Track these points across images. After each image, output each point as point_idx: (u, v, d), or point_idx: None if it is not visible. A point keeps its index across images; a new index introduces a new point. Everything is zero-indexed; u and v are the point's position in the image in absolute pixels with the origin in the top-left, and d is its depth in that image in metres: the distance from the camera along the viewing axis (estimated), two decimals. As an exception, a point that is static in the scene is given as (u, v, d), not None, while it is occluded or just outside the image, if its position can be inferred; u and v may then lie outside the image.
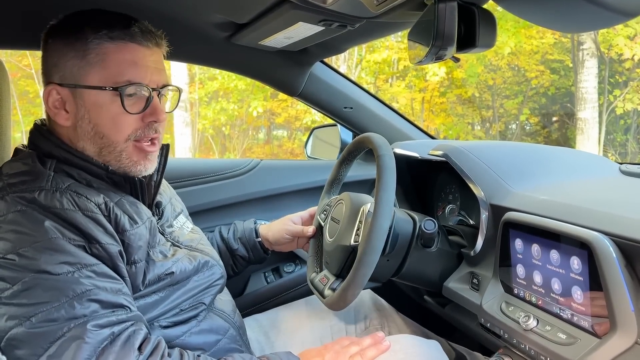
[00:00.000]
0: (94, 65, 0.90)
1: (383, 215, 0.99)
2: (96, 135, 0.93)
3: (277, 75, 1.58)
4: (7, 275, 0.78)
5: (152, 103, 0.95)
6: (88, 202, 0.88)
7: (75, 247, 0.83)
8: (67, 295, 0.78)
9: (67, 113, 0.93)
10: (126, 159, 0.95)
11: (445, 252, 1.17)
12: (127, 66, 0.91)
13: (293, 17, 1.07)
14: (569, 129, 8.74)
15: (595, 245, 0.76)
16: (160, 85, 0.96)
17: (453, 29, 0.73)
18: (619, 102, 8.05)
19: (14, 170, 0.89)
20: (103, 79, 0.91)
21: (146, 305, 0.95)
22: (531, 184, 1.07)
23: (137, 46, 0.93)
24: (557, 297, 0.86)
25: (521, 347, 0.91)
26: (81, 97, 0.92)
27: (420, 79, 9.23)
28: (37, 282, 0.78)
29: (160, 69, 0.97)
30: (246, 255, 1.37)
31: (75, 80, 0.91)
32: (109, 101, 0.91)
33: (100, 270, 0.84)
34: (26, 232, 0.80)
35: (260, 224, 1.42)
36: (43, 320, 0.77)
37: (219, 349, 1.04)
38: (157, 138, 0.99)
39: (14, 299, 0.77)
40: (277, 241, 1.35)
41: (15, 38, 1.26)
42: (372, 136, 1.12)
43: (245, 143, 11.00)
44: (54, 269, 0.79)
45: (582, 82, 7.55)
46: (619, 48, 7.30)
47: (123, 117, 0.92)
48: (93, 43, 0.90)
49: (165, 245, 1.03)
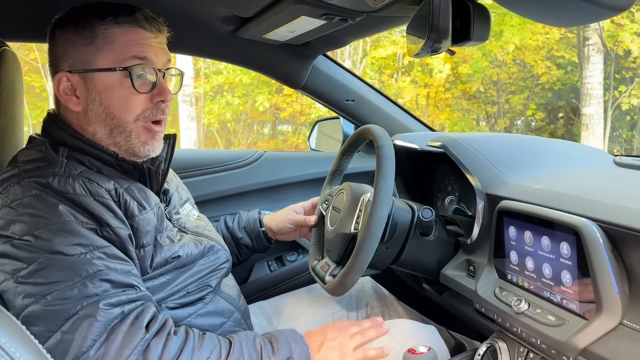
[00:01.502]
0: (102, 49, 0.95)
1: (382, 204, 1.03)
2: (107, 117, 0.97)
3: (281, 68, 1.61)
4: (23, 256, 0.82)
5: (160, 83, 0.99)
6: (99, 187, 0.92)
7: (88, 230, 0.87)
8: (80, 275, 0.82)
9: (77, 99, 0.98)
10: (135, 138, 1.00)
11: (442, 241, 1.20)
12: (134, 47, 0.96)
13: (296, 11, 1.10)
14: (575, 125, 8.73)
15: (583, 231, 0.79)
16: (165, 67, 1.01)
17: (447, 23, 0.76)
18: (625, 98, 8.02)
19: (29, 157, 0.93)
20: (112, 61, 0.95)
21: (154, 287, 0.99)
22: (526, 174, 1.10)
23: (141, 30, 0.97)
24: (547, 281, 0.90)
25: (513, 330, 0.95)
26: (92, 81, 0.96)
27: (426, 74, 9.23)
28: (52, 262, 0.82)
29: (165, 51, 1.02)
30: (250, 244, 1.42)
31: (85, 65, 0.96)
32: (119, 82, 0.96)
33: (111, 252, 0.88)
34: (41, 215, 0.84)
35: (264, 214, 1.46)
36: (57, 299, 0.81)
37: (224, 332, 1.08)
38: (163, 119, 1.03)
39: (30, 278, 0.81)
40: (280, 230, 1.40)
41: (22, 31, 1.31)
42: (372, 127, 1.16)
43: (250, 138, 11.04)
44: (68, 250, 0.83)
45: (587, 78, 7.53)
46: (625, 44, 7.27)
47: (133, 97, 0.97)
48: (100, 29, 0.95)
49: (172, 230, 1.07)
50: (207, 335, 0.95)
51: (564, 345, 0.81)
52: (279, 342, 0.99)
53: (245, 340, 0.96)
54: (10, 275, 0.82)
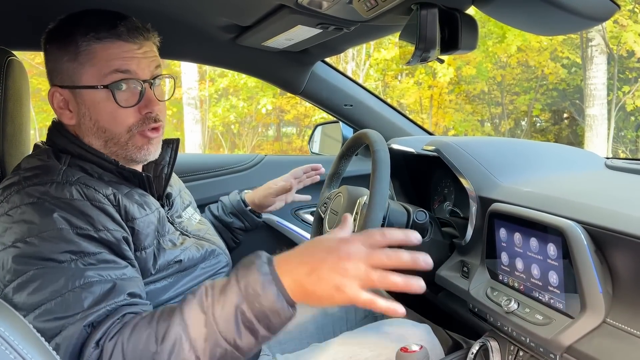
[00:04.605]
0: (85, 65, 0.96)
1: (377, 206, 1.06)
2: (99, 130, 0.99)
3: (280, 75, 1.65)
4: (14, 267, 0.82)
5: (145, 95, 0.99)
6: (96, 193, 0.93)
7: (80, 237, 0.86)
8: (67, 288, 0.81)
9: (70, 112, 1.00)
10: (132, 146, 1.01)
11: (437, 242, 1.23)
12: (114, 60, 0.96)
13: (292, 20, 1.14)
14: (579, 126, 8.72)
15: (568, 233, 0.82)
16: (152, 76, 1.01)
17: (434, 33, 0.79)
18: (629, 99, 8.00)
19: (30, 165, 0.96)
20: (94, 77, 0.96)
21: (156, 290, 1.01)
22: (518, 178, 1.13)
23: (123, 43, 0.97)
24: (536, 281, 0.93)
25: (504, 329, 0.98)
26: (80, 96, 0.98)
27: (429, 76, 9.24)
28: (41, 273, 0.81)
29: (151, 59, 1.01)
30: (242, 225, 1.47)
31: (72, 81, 0.97)
32: (104, 98, 0.97)
33: (102, 258, 0.87)
34: (35, 223, 0.85)
35: (245, 192, 1.50)
36: (47, 309, 0.80)
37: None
38: (158, 126, 1.03)
39: (21, 287, 0.81)
40: (264, 204, 1.46)
41: (28, 40, 1.34)
42: (369, 132, 1.19)
43: (254, 140, 11.08)
44: (58, 257, 0.83)
45: (590, 79, 7.51)
46: (628, 45, 7.26)
47: (120, 112, 0.98)
48: (82, 45, 0.95)
49: (174, 234, 1.10)
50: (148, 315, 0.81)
51: (550, 343, 0.84)
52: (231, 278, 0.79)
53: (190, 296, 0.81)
54: (5, 285, 0.82)
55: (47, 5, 1.16)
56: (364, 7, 0.90)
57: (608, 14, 0.77)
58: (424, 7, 0.79)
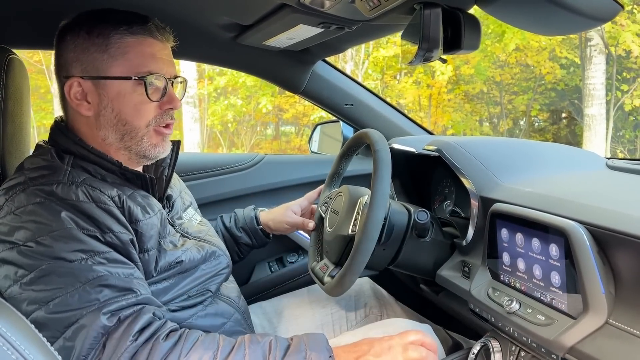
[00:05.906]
0: (117, 57, 0.98)
1: (378, 206, 1.06)
2: (119, 123, 1.00)
3: (281, 74, 1.65)
4: (26, 262, 0.84)
5: (169, 91, 1.03)
6: (102, 194, 0.94)
7: (89, 237, 0.88)
8: (80, 281, 0.84)
9: (89, 104, 1.00)
10: (147, 142, 1.03)
11: (438, 242, 1.23)
12: (148, 58, 1.00)
13: (294, 19, 1.13)
14: (577, 126, 8.73)
15: (571, 233, 0.82)
16: (172, 76, 1.05)
17: (438, 33, 0.79)
18: (627, 99, 8.02)
19: (34, 165, 0.96)
20: (126, 70, 0.98)
21: (157, 291, 1.01)
22: (519, 177, 1.12)
23: (154, 40, 1.01)
24: (538, 282, 0.92)
25: (506, 329, 0.98)
26: (104, 87, 0.99)
27: (428, 75, 9.24)
28: (54, 268, 0.84)
29: (172, 61, 1.06)
30: (249, 242, 1.45)
31: (98, 72, 0.98)
32: (132, 90, 0.99)
33: (111, 257, 0.90)
34: (44, 222, 0.86)
35: (260, 210, 1.49)
36: (59, 305, 0.82)
37: (225, 332, 1.11)
38: (172, 123, 1.08)
39: (33, 284, 0.83)
40: (277, 229, 1.44)
41: (29, 38, 1.34)
42: (370, 132, 1.19)
43: (253, 139, 11.08)
44: (69, 256, 0.85)
45: (589, 79, 7.53)
46: (626, 45, 7.27)
47: (144, 105, 1.00)
48: (114, 38, 0.98)
49: (175, 236, 1.10)
50: (209, 337, 0.91)
51: (552, 343, 0.84)
52: (294, 346, 0.92)
53: (254, 341, 0.92)
54: (15, 281, 0.84)
55: (48, 4, 1.16)
56: (366, 7, 0.90)
57: (612, 14, 0.77)
58: (427, 7, 0.78)
